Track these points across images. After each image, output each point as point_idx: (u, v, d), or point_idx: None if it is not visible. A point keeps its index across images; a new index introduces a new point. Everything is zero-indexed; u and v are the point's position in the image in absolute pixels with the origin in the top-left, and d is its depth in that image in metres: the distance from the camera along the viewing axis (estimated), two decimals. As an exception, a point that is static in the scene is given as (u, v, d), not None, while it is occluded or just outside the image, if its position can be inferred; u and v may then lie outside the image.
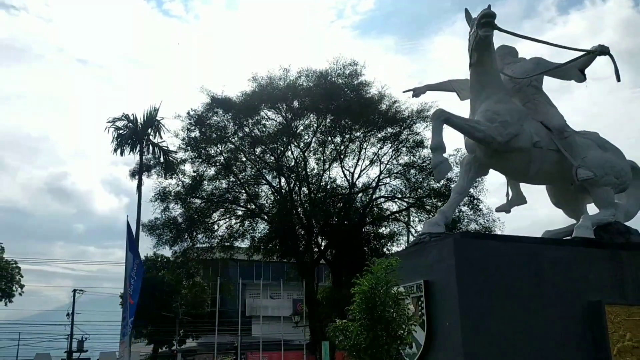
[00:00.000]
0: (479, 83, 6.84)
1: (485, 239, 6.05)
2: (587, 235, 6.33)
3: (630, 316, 5.83)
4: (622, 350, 5.66)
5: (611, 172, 6.78)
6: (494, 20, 6.44)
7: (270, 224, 20.09)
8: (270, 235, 20.56)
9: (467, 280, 5.40)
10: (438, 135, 6.37)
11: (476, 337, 5.25)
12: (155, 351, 39.05)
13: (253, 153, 20.26)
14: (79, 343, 40.03)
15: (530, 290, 5.64)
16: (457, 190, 6.80)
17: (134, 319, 11.57)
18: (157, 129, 21.88)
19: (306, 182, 20.21)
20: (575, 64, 7.13)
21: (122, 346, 12.09)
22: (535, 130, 6.69)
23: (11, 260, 33.74)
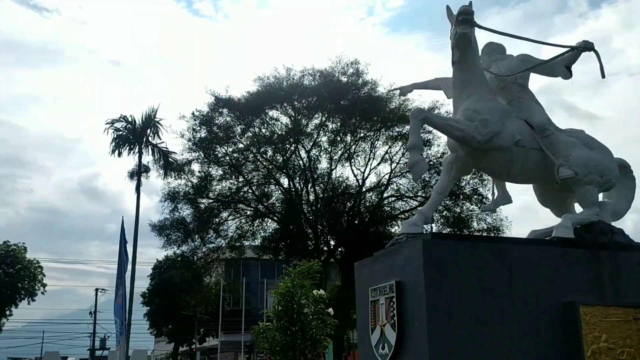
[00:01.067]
0: (461, 81, 6.80)
1: (456, 239, 5.99)
2: (566, 235, 6.25)
3: (606, 317, 5.73)
4: (597, 352, 5.58)
5: (595, 170, 6.68)
6: (472, 17, 6.41)
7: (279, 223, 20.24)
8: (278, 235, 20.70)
9: (435, 281, 5.38)
10: (415, 135, 6.36)
11: (442, 339, 5.23)
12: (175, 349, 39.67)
13: (260, 152, 20.40)
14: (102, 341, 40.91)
15: (501, 291, 5.59)
16: (437, 190, 6.77)
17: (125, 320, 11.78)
18: (155, 130, 22.21)
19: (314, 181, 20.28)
20: (561, 60, 7.05)
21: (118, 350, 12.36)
22: (518, 128, 6.62)
23: (34, 260, 34.64)
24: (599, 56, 6.77)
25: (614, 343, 5.68)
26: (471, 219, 19.05)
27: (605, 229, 6.58)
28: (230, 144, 19.78)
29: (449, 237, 5.98)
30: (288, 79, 19.63)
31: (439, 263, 5.46)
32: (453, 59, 6.83)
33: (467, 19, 6.36)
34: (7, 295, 33.29)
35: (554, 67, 7.13)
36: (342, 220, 19.74)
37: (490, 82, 7.14)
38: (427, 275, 5.36)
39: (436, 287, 5.37)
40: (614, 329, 5.73)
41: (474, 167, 6.98)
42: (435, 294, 5.34)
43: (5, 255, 33.35)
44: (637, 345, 5.76)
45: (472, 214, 18.99)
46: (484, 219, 19.07)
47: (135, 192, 21.05)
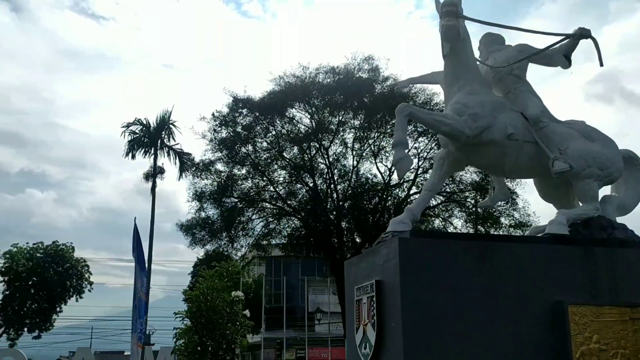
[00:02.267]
0: (452, 75, 6.62)
1: (436, 237, 5.83)
2: (560, 231, 5.98)
3: (598, 317, 5.47)
4: (586, 353, 5.33)
5: (594, 163, 6.37)
6: (457, 8, 6.22)
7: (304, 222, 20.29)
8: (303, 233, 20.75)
9: (411, 280, 5.25)
10: (400, 131, 6.21)
11: (418, 338, 5.10)
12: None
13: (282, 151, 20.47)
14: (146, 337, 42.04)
15: (483, 291, 5.40)
16: (427, 187, 6.60)
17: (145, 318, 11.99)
18: (170, 132, 22.54)
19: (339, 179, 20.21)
20: (559, 49, 6.76)
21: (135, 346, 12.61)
22: (511, 121, 6.38)
23: (80, 259, 36.03)
24: (597, 44, 6.46)
25: (607, 344, 5.41)
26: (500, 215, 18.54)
27: (605, 225, 6.27)
28: (252, 143, 19.97)
29: (428, 235, 5.81)
30: (305, 78, 19.62)
31: (416, 262, 5.34)
32: (443, 52, 6.66)
33: (451, 10, 6.18)
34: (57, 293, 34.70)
35: (554, 56, 6.85)
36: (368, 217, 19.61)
37: (486, 74, 6.93)
38: (402, 274, 5.25)
39: (412, 286, 5.24)
40: (607, 329, 5.46)
41: (466, 162, 6.78)
42: (412, 293, 5.22)
43: (54, 255, 34.80)
44: (632, 346, 5.47)
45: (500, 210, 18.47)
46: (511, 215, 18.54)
47: (150, 194, 21.64)
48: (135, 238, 13.45)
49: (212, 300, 7.49)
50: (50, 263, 34.73)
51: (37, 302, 34.70)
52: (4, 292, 34.32)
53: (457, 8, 6.22)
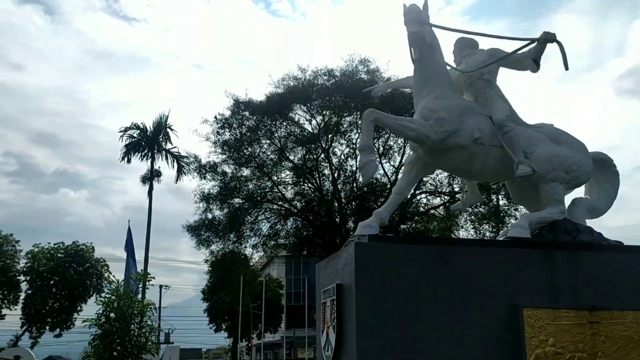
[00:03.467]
0: (420, 79, 6.72)
1: (394, 242, 5.91)
2: (521, 234, 6.05)
3: (554, 320, 5.52)
4: (541, 356, 5.39)
5: (559, 167, 6.41)
6: (419, 15, 6.31)
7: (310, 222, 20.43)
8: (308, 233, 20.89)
9: (366, 283, 5.37)
10: (366, 136, 6.33)
11: (372, 342, 5.22)
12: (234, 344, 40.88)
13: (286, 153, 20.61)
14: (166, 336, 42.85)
15: (440, 294, 5.49)
16: (396, 190, 6.71)
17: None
18: (166, 136, 22.88)
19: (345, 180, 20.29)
20: (528, 53, 6.81)
21: None
22: (478, 126, 6.45)
23: (100, 258, 36.71)
24: (562, 47, 6.49)
25: (563, 347, 5.46)
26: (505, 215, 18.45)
27: (569, 228, 6.31)
28: (256, 145, 20.22)
29: (387, 239, 5.91)
30: (304, 80, 19.81)
31: (373, 266, 5.45)
32: (412, 57, 6.76)
33: (413, 17, 6.28)
34: (77, 292, 35.40)
35: (523, 60, 6.89)
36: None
37: (458, 79, 7.01)
38: (358, 278, 5.37)
39: (368, 289, 5.36)
40: (563, 332, 5.51)
41: (435, 166, 6.87)
42: (367, 296, 5.34)
43: (74, 255, 35.50)
44: (590, 349, 5.52)
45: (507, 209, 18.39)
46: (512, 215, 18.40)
47: (147, 197, 22.11)
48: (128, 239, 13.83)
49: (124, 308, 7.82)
50: (71, 263, 35.42)
51: (59, 301, 35.46)
52: (27, 292, 35.16)
53: (420, 15, 6.31)
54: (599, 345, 5.55)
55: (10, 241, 37.01)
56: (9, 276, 35.57)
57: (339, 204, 20.13)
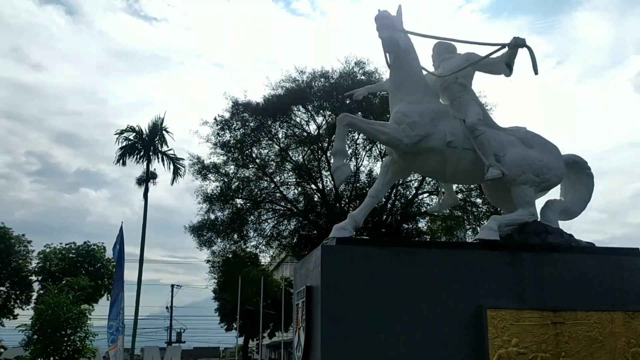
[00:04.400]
0: (395, 84, 6.84)
1: (361, 244, 6.04)
2: (489, 237, 6.16)
3: (518, 321, 5.63)
4: (504, 356, 5.50)
5: (529, 170, 6.51)
6: (389, 21, 6.43)
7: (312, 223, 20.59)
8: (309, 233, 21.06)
9: (332, 286, 5.51)
10: (340, 141, 6.45)
11: (336, 343, 5.34)
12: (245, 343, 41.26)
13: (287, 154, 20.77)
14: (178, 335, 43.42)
15: (406, 296, 5.61)
16: (371, 193, 6.82)
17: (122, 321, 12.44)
18: (162, 138, 23.15)
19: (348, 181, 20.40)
20: (501, 58, 6.90)
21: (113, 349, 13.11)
22: (452, 129, 6.56)
23: (111, 258, 37.27)
24: (532, 52, 6.58)
25: (526, 347, 5.57)
26: None
27: (539, 230, 6.41)
28: (257, 146, 20.46)
29: (355, 242, 6.05)
30: (302, 82, 19.97)
31: (339, 268, 5.59)
32: (388, 62, 6.90)
33: (383, 23, 6.40)
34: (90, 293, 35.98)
35: (497, 65, 6.99)
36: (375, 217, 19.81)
37: (435, 83, 7.12)
38: (324, 281, 5.52)
39: (334, 292, 5.50)
40: (526, 333, 5.62)
41: (409, 169, 6.99)
42: (332, 298, 5.48)
43: (85, 255, 36.10)
44: (553, 350, 5.62)
45: None
46: None
47: (142, 198, 22.43)
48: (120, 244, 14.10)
49: (57, 313, 8.22)
50: (82, 263, 36.03)
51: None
52: (38, 292, 35.78)
53: (391, 20, 6.43)
54: (562, 345, 5.65)
55: (23, 241, 37.66)
56: (22, 276, 36.27)
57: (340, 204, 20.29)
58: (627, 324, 5.87)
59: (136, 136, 23.29)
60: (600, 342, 5.75)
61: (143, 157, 22.88)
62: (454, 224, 20.42)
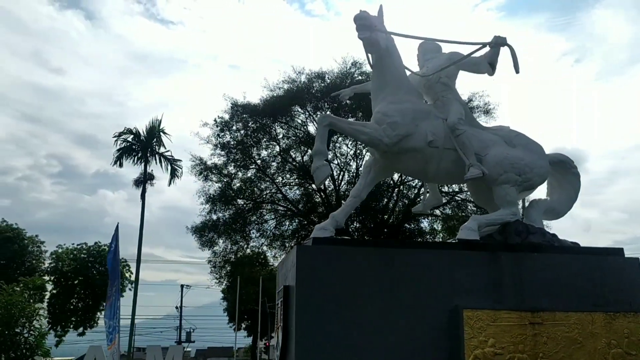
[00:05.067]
0: (378, 84, 6.83)
1: (337, 244, 6.02)
2: (469, 237, 6.13)
3: (495, 321, 5.60)
4: (480, 357, 5.47)
5: (511, 169, 6.46)
6: (368, 21, 6.41)
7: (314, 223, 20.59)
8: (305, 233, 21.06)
9: (307, 286, 5.52)
10: (320, 141, 6.45)
11: (311, 343, 5.35)
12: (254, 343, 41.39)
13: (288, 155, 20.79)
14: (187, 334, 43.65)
15: (382, 296, 5.60)
16: (353, 193, 6.82)
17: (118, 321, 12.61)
18: (159, 140, 23.31)
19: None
20: (484, 57, 6.87)
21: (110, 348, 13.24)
22: (433, 129, 6.54)
23: (122, 259, 37.69)
24: (513, 51, 6.54)
25: (503, 348, 5.53)
26: None
27: (520, 230, 6.36)
28: (257, 147, 20.49)
29: (330, 242, 6.04)
30: (300, 82, 19.98)
31: (314, 269, 5.60)
32: (371, 63, 6.90)
33: (362, 24, 6.39)
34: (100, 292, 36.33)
35: (480, 64, 6.95)
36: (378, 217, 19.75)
37: (419, 82, 7.11)
38: (298, 281, 5.54)
39: (308, 292, 5.51)
40: (503, 333, 5.58)
41: (392, 169, 6.97)
42: (306, 298, 5.49)
43: (96, 255, 36.51)
44: (531, 350, 5.58)
45: None
46: None
47: (140, 199, 22.65)
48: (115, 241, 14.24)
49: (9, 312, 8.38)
50: (94, 263, 36.44)
51: (82, 301, 36.48)
52: (52, 291, 36.26)
53: (370, 21, 6.41)
54: (540, 346, 5.61)
55: (36, 242, 38.23)
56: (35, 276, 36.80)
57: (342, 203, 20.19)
58: (607, 324, 5.81)
59: (134, 138, 23.55)
60: (580, 343, 5.70)
61: (141, 159, 23.11)
62: (457, 224, 20.27)
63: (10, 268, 35.68)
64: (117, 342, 14.61)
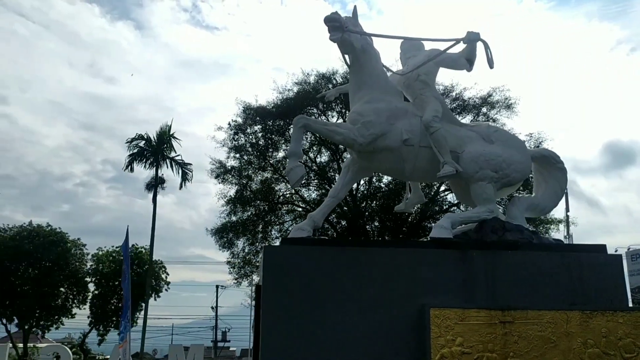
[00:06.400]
0: (354, 84, 6.84)
1: (305, 244, 6.03)
2: (441, 235, 6.07)
3: (463, 320, 5.53)
4: (447, 356, 5.42)
5: (487, 166, 6.36)
6: (339, 23, 6.41)
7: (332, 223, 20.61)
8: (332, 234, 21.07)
9: (273, 286, 5.60)
10: (295, 142, 6.50)
11: (276, 341, 5.44)
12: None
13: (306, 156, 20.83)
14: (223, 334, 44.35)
15: (349, 295, 5.62)
16: (331, 194, 6.84)
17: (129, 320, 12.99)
18: (170, 145, 23.64)
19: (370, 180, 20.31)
20: (463, 53, 6.79)
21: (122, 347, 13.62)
22: (409, 127, 6.49)
23: (158, 260, 38.67)
24: (487, 46, 6.45)
25: (471, 347, 5.47)
26: None
27: (497, 227, 6.26)
28: (272, 149, 20.63)
29: (298, 242, 6.08)
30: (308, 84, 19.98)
31: (282, 269, 5.66)
32: (347, 63, 6.92)
33: (333, 26, 6.40)
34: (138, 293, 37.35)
35: (459, 60, 6.88)
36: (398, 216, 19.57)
37: (399, 81, 7.08)
38: (265, 280, 5.63)
39: (275, 291, 5.59)
40: (472, 332, 5.51)
41: (370, 168, 6.96)
42: (273, 298, 5.57)
43: (134, 257, 37.46)
44: (501, 349, 5.49)
45: None
46: None
47: (152, 203, 23.08)
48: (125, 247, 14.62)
49: None
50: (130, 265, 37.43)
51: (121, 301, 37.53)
52: (93, 292, 37.51)
53: (340, 23, 6.41)
54: (510, 345, 5.51)
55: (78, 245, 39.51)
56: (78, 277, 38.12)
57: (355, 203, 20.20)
58: (584, 323, 5.66)
59: (145, 143, 24.14)
60: (554, 342, 5.57)
61: (152, 163, 23.68)
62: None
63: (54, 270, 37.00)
64: (127, 340, 15.05)
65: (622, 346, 5.63)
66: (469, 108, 20.39)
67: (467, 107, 20.35)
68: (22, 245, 35.48)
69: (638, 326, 5.68)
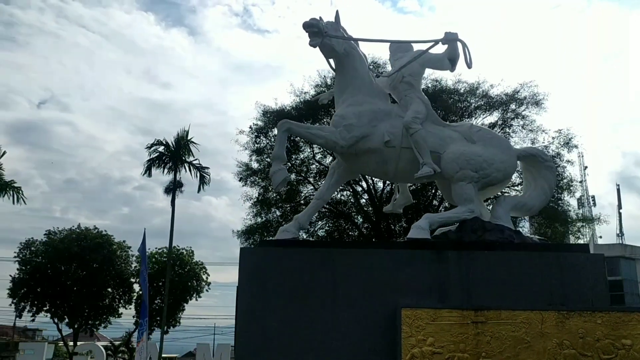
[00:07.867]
0: (339, 87, 6.96)
1: (280, 246, 6.14)
2: (419, 235, 6.10)
3: (435, 320, 5.54)
4: (418, 356, 5.45)
5: (467, 165, 6.35)
6: (317, 29, 6.53)
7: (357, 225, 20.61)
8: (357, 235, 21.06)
9: (248, 287, 5.76)
10: (279, 146, 6.67)
11: (248, 342, 5.59)
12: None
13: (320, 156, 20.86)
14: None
15: (322, 296, 5.73)
16: (317, 195, 6.98)
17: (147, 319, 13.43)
18: (188, 150, 24.03)
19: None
20: (445, 54, 6.81)
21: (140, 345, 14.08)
22: (391, 129, 6.56)
23: (199, 261, 39.65)
24: (466, 46, 6.45)
25: (442, 347, 5.48)
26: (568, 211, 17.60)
27: (476, 227, 6.24)
28: (294, 151, 20.77)
29: (273, 243, 6.21)
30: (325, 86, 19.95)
31: (254, 270, 5.83)
32: (332, 67, 7.04)
33: (311, 31, 6.53)
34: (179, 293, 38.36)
35: (443, 60, 6.90)
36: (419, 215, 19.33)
37: (385, 83, 7.15)
38: (240, 282, 5.80)
39: (249, 293, 5.76)
40: (443, 332, 5.52)
41: (355, 170, 7.04)
42: (247, 299, 5.74)
43: (175, 258, 38.50)
44: (473, 350, 5.48)
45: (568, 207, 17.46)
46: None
47: (170, 206, 23.58)
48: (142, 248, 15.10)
49: None
50: (173, 266, 38.44)
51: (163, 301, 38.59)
52: (138, 292, 38.74)
53: (318, 28, 6.54)
54: (482, 345, 5.49)
55: (124, 247, 40.87)
56: (124, 278, 39.48)
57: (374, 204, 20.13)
58: (560, 324, 5.57)
59: (164, 149, 24.81)
60: (527, 343, 5.51)
61: (171, 168, 24.32)
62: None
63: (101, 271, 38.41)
64: (145, 338, 15.56)
65: (600, 347, 5.52)
66: (496, 105, 20.07)
67: (494, 104, 20.04)
68: (71, 247, 37.05)
69: (617, 327, 5.55)
